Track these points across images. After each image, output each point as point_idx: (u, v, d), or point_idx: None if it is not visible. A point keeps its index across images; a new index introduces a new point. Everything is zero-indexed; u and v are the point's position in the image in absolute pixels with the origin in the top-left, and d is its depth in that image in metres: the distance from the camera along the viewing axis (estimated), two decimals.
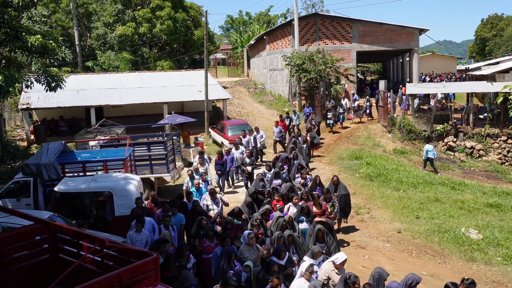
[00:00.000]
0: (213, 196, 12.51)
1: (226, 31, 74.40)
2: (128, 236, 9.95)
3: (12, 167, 21.06)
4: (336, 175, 14.35)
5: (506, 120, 24.40)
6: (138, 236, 9.90)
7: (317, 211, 12.10)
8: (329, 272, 8.41)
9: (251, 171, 17.77)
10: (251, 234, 9.44)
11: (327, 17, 35.41)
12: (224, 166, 17.31)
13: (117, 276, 5.62)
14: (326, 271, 8.45)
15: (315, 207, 12.24)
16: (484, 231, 14.34)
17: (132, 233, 9.96)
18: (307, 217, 11.56)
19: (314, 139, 21.48)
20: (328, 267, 8.48)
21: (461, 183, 19.84)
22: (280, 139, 23.01)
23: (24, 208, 13.04)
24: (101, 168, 14.40)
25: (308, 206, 11.72)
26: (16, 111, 31.02)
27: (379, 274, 7.86)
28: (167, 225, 10.40)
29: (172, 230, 10.50)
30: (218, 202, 12.55)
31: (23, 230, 7.59)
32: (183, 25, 40.85)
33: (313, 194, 12.68)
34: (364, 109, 28.65)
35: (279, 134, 22.78)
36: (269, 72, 37.53)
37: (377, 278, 7.81)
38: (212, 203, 12.42)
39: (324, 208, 12.33)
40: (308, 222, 11.36)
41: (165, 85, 31.47)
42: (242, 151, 18.50)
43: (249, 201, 12.24)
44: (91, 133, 21.06)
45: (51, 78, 18.09)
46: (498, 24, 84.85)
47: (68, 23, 46.89)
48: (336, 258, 8.46)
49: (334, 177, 14.05)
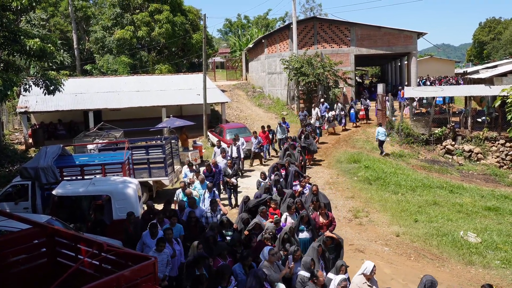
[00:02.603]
0: (214, 206, 11.83)
1: (224, 35, 74.57)
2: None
3: (10, 170, 21.02)
4: (315, 185, 13.62)
5: (504, 123, 24.44)
6: (160, 256, 8.90)
7: (324, 222, 11.49)
8: (361, 286, 8.00)
9: (235, 183, 16.76)
10: (272, 250, 8.67)
11: (325, 20, 35.46)
12: (215, 178, 16.23)
13: (115, 280, 5.61)
14: (358, 285, 8.03)
15: (322, 217, 11.60)
16: (482, 235, 14.35)
17: (152, 253, 8.90)
18: (308, 226, 11.01)
19: (310, 145, 20.68)
20: (360, 281, 8.07)
21: (459, 186, 19.87)
22: (259, 150, 21.90)
23: (22, 211, 13.04)
24: (99, 171, 14.41)
25: (308, 214, 11.20)
26: (14, 115, 31.02)
27: (431, 282, 7.45)
28: (170, 239, 9.53)
29: (177, 244, 9.80)
30: (219, 212, 11.89)
31: (21, 234, 7.57)
32: (181, 29, 40.92)
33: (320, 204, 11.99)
34: (340, 117, 28.02)
35: (257, 145, 21.58)
36: (267, 76, 37.57)
37: (429, 286, 7.42)
38: (212, 214, 11.68)
39: (331, 218, 11.77)
40: (309, 231, 10.88)
41: (163, 88, 31.47)
42: (225, 162, 17.51)
43: (246, 217, 11.09)
44: (89, 136, 21.06)
45: (50, 82, 18.09)
46: (496, 27, 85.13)
47: (67, 26, 46.93)
48: (365, 269, 8.07)
49: (313, 186, 13.23)
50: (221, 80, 48.34)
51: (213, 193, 13.77)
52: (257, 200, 12.38)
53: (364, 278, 8.05)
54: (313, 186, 13.24)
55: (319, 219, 11.53)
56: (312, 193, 12.93)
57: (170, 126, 23.53)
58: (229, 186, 16.59)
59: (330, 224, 11.58)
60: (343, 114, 28.13)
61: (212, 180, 15.80)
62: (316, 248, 9.09)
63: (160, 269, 8.95)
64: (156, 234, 9.73)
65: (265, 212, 11.42)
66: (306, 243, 10.49)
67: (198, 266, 8.18)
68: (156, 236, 9.66)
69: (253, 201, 12.38)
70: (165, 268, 9.13)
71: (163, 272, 9.03)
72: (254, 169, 21.59)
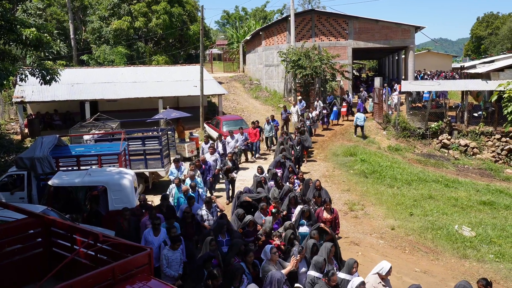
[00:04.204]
0: (209, 206, 11.51)
1: (222, 26, 74.18)
2: (164, 256, 8.92)
3: (5, 160, 20.96)
4: (318, 180, 13.59)
5: (500, 118, 24.51)
6: (174, 254, 8.99)
7: (328, 217, 11.36)
8: (376, 286, 7.85)
9: (235, 177, 16.38)
10: (274, 249, 8.56)
11: (323, 13, 35.37)
12: (205, 175, 15.72)
13: (110, 270, 5.62)
14: (373, 285, 7.85)
15: (326, 212, 11.48)
16: (477, 229, 14.44)
17: (166, 251, 8.96)
18: (308, 220, 10.95)
19: (305, 141, 20.07)
20: (374, 280, 7.90)
21: (454, 180, 19.95)
22: (245, 147, 21.09)
23: (18, 201, 12.99)
24: (96, 162, 14.37)
25: (309, 209, 11.12)
26: (10, 105, 30.86)
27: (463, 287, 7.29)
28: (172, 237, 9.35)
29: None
30: (214, 212, 11.58)
31: (17, 224, 7.57)
32: (179, 20, 40.72)
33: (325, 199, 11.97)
34: (322, 116, 26.53)
35: (244, 142, 20.64)
36: (264, 68, 37.49)
37: None
38: (207, 213, 11.38)
39: (335, 214, 11.66)
40: (309, 226, 10.75)
41: (160, 79, 31.39)
42: (216, 158, 16.90)
43: (242, 212, 10.83)
44: (85, 127, 21.02)
45: (46, 72, 17.96)
46: (494, 22, 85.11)
47: (63, 16, 46.63)
48: (381, 269, 7.89)
49: (317, 181, 13.17)
50: (218, 72, 48.22)
51: (197, 192, 13.04)
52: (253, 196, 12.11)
53: (379, 277, 7.91)
54: (316, 181, 13.16)
55: (323, 214, 11.43)
56: (316, 187, 12.88)
57: (167, 117, 23.50)
58: (228, 179, 16.24)
59: (334, 220, 11.51)
60: (325, 113, 26.65)
61: (203, 178, 15.28)
62: (329, 248, 8.77)
63: (174, 268, 8.98)
64: (158, 230, 9.58)
65: (266, 208, 11.29)
66: (305, 237, 10.35)
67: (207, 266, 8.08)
68: (158, 231, 9.57)
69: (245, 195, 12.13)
70: (179, 267, 9.07)
71: (177, 271, 9.00)
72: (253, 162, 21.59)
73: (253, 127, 21.69)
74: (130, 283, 5.73)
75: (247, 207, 11.60)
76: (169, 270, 8.89)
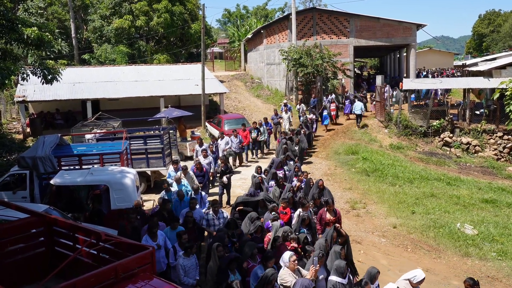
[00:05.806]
0: (216, 208, 11.14)
1: (223, 25, 74.19)
2: (180, 267, 8.69)
3: (8, 160, 20.98)
4: (321, 179, 13.41)
5: (502, 116, 24.43)
6: (189, 261, 8.80)
7: (331, 219, 11.05)
8: None
9: (226, 182, 15.62)
10: (293, 256, 7.99)
11: (324, 11, 35.30)
12: (205, 178, 15.26)
13: (113, 269, 5.64)
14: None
15: (329, 213, 11.17)
16: (479, 227, 14.43)
17: (182, 260, 8.73)
18: (308, 229, 10.54)
19: (301, 142, 19.47)
20: (404, 286, 7.73)
21: (456, 178, 19.93)
22: (240, 150, 20.53)
23: (20, 201, 13.00)
24: (97, 161, 14.39)
25: (309, 216, 10.76)
26: (12, 104, 30.87)
27: None
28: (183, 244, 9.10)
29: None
30: (221, 216, 11.14)
31: (19, 223, 7.59)
32: (180, 19, 40.66)
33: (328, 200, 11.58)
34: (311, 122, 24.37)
35: (238, 145, 20.13)
36: (266, 66, 37.46)
37: None
38: (214, 217, 11.02)
39: (338, 215, 11.29)
40: (309, 235, 10.23)
41: (161, 78, 31.39)
42: (209, 161, 16.58)
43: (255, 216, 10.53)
44: (87, 126, 21.01)
45: (47, 71, 17.96)
46: (496, 20, 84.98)
47: (65, 15, 46.57)
48: (414, 276, 7.73)
49: (320, 181, 12.94)
50: (220, 71, 48.19)
51: (200, 194, 12.69)
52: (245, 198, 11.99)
53: (410, 285, 7.72)
54: (319, 181, 12.91)
55: (326, 215, 11.13)
56: (318, 187, 12.66)
57: (168, 116, 23.49)
58: (221, 183, 15.70)
59: (337, 221, 11.22)
60: (315, 119, 24.85)
61: (203, 181, 15.00)
62: (339, 252, 8.50)
63: (191, 275, 8.87)
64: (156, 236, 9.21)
65: (276, 210, 10.99)
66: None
67: (231, 268, 8.01)
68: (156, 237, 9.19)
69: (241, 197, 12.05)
70: (196, 273, 8.96)
71: (194, 277, 8.89)
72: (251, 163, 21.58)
73: (243, 129, 21.06)
74: (133, 282, 5.75)
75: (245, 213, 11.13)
76: (186, 278, 8.74)
